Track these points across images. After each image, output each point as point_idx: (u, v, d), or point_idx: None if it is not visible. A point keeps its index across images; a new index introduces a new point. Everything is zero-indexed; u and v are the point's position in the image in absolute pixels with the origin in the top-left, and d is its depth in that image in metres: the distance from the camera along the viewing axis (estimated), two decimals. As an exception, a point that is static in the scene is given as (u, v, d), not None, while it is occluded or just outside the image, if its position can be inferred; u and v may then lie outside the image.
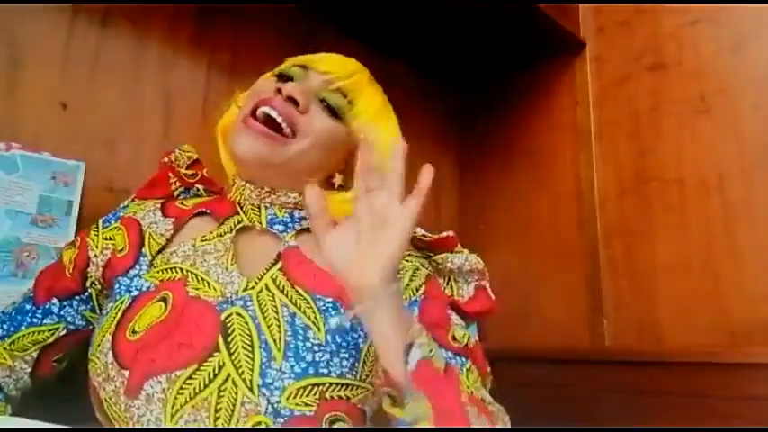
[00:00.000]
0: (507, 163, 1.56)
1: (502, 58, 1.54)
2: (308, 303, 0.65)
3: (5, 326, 0.72)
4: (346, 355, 0.63)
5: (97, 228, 0.75)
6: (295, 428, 0.59)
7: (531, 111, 1.53)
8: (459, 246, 0.80)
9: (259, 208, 0.74)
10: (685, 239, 1.22)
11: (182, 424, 0.57)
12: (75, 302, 0.73)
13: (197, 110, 1.15)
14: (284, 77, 0.74)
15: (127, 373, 0.60)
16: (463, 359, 0.67)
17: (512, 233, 1.51)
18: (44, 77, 0.97)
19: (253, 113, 0.70)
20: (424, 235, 0.78)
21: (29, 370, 0.72)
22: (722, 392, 1.04)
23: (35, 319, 0.72)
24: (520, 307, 1.45)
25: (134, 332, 0.62)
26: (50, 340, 0.72)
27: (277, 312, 0.63)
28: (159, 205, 0.77)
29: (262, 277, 0.67)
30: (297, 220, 0.74)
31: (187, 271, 0.67)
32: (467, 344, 0.70)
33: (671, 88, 1.29)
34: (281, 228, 0.73)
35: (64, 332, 0.73)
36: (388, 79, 1.67)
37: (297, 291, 0.66)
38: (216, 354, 0.60)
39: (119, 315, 0.65)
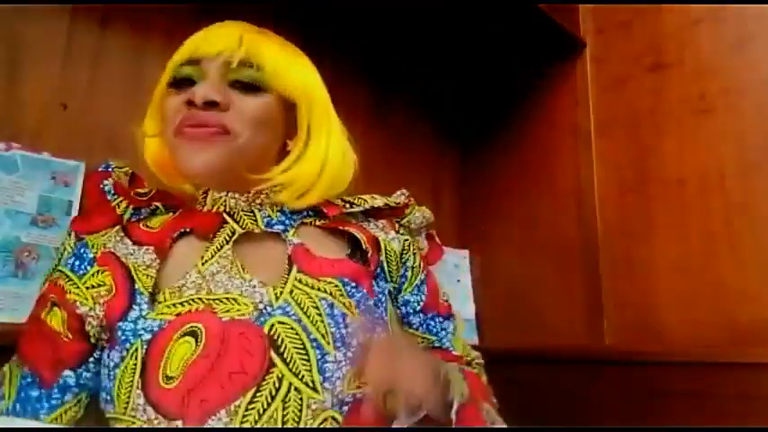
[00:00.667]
0: (507, 163, 1.56)
1: (502, 58, 1.54)
2: (340, 289, 0.66)
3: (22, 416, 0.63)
4: (380, 330, 0.66)
5: (71, 280, 0.66)
6: (293, 428, 0.59)
7: (531, 111, 1.53)
8: (411, 200, 0.85)
9: (252, 212, 0.71)
10: (685, 239, 1.22)
11: None
12: (90, 365, 0.65)
13: (197, 110, 1.14)
14: (182, 83, 0.68)
15: (180, 423, 0.57)
16: (451, 321, 0.80)
17: (512, 233, 1.51)
18: (44, 77, 0.97)
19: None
20: (396, 203, 0.82)
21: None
22: (722, 392, 1.04)
23: (54, 402, 0.63)
24: (520, 307, 1.45)
25: (168, 378, 0.58)
26: (81, 414, 0.65)
27: (317, 308, 0.64)
28: (122, 233, 0.70)
29: (286, 282, 0.66)
30: (290, 216, 0.73)
31: (207, 299, 0.63)
32: (447, 299, 0.82)
33: (671, 88, 1.29)
34: (281, 227, 0.71)
35: (87, 401, 0.65)
36: (388, 79, 1.67)
37: (324, 280, 0.67)
38: (272, 370, 0.59)
39: (139, 365, 0.59)
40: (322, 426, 0.59)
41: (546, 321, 1.40)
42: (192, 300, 0.63)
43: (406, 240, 0.79)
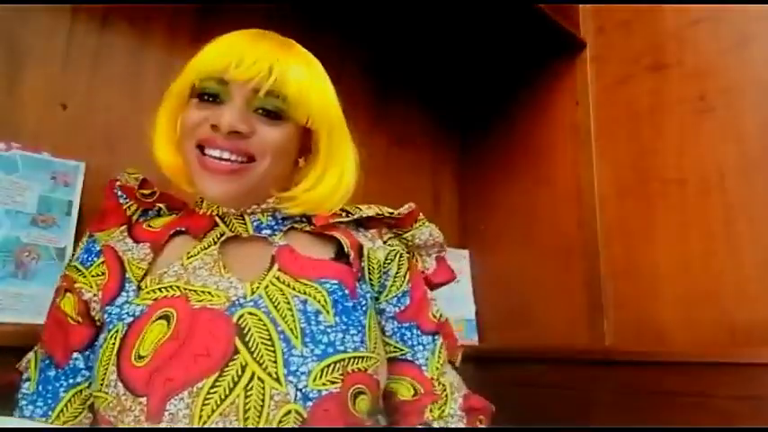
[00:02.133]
0: (507, 163, 1.56)
1: (502, 58, 1.54)
2: (317, 288, 0.69)
3: (40, 402, 0.67)
4: (354, 332, 0.67)
5: (81, 270, 0.72)
6: (294, 429, 0.59)
7: (531, 111, 1.53)
8: (420, 215, 0.85)
9: (242, 216, 0.74)
10: (685, 239, 1.22)
11: None
12: (96, 348, 0.69)
13: (197, 110, 1.14)
14: (208, 97, 0.69)
15: (144, 399, 0.59)
16: (437, 338, 0.78)
17: (512, 233, 1.51)
18: (44, 77, 0.97)
19: (200, 149, 0.69)
20: (390, 212, 0.82)
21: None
22: (722, 392, 1.04)
23: (71, 380, 0.68)
24: (520, 307, 1.45)
25: (140, 357, 0.61)
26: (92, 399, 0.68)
27: (289, 303, 0.66)
28: (126, 232, 0.75)
29: (264, 278, 0.69)
30: (280, 221, 0.76)
31: (184, 288, 0.67)
32: (439, 319, 0.80)
33: (671, 88, 1.29)
34: (268, 232, 0.74)
35: None
36: (388, 80, 1.68)
37: (302, 282, 0.69)
38: (236, 356, 0.61)
39: (117, 344, 0.63)
40: (285, 418, 0.60)
41: (546, 321, 1.40)
42: (170, 287, 0.67)
43: (393, 251, 0.79)
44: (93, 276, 0.71)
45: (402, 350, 0.76)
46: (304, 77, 0.72)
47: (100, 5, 1.05)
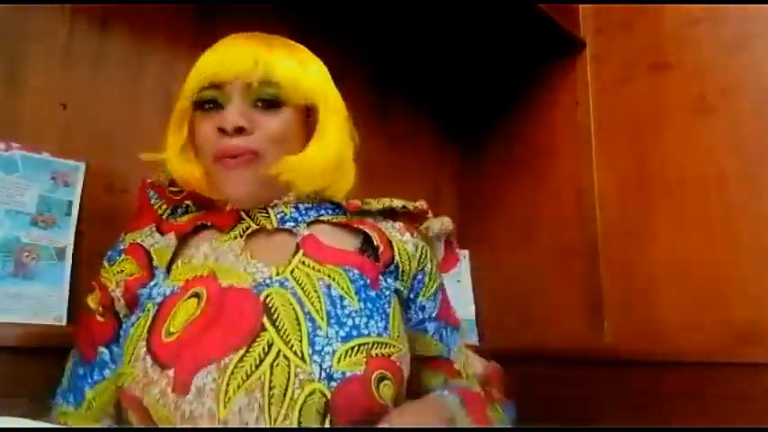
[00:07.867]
0: (507, 163, 1.56)
1: (502, 58, 1.54)
2: (340, 274, 0.70)
3: (71, 398, 0.70)
4: (379, 318, 0.68)
5: (105, 268, 0.76)
6: (296, 428, 0.59)
7: (531, 111, 1.53)
8: (430, 211, 0.89)
9: (266, 210, 0.76)
10: (685, 239, 1.22)
11: (235, 409, 0.59)
12: (120, 341, 0.72)
13: (197, 110, 1.14)
14: (208, 105, 0.73)
15: (171, 371, 0.61)
16: (458, 334, 0.83)
17: (512, 233, 1.51)
18: (44, 77, 0.97)
19: (219, 162, 0.72)
20: (416, 206, 0.86)
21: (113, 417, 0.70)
22: (722, 392, 1.04)
23: (96, 377, 0.70)
24: (520, 307, 1.45)
25: (170, 333, 0.64)
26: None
27: (314, 285, 0.68)
28: (154, 228, 0.78)
29: (289, 263, 0.71)
30: (304, 213, 0.77)
31: (213, 267, 0.70)
32: (455, 312, 0.85)
33: (671, 88, 1.29)
34: (292, 224, 0.76)
35: None
36: (388, 79, 1.68)
37: (326, 266, 0.71)
38: (262, 334, 0.63)
39: (148, 322, 0.66)
40: (309, 398, 0.60)
41: (546, 321, 1.40)
42: (199, 266, 0.70)
43: (424, 246, 0.82)
44: (114, 273, 0.74)
45: (440, 347, 0.80)
46: (292, 59, 0.74)
47: (100, 6, 1.05)
